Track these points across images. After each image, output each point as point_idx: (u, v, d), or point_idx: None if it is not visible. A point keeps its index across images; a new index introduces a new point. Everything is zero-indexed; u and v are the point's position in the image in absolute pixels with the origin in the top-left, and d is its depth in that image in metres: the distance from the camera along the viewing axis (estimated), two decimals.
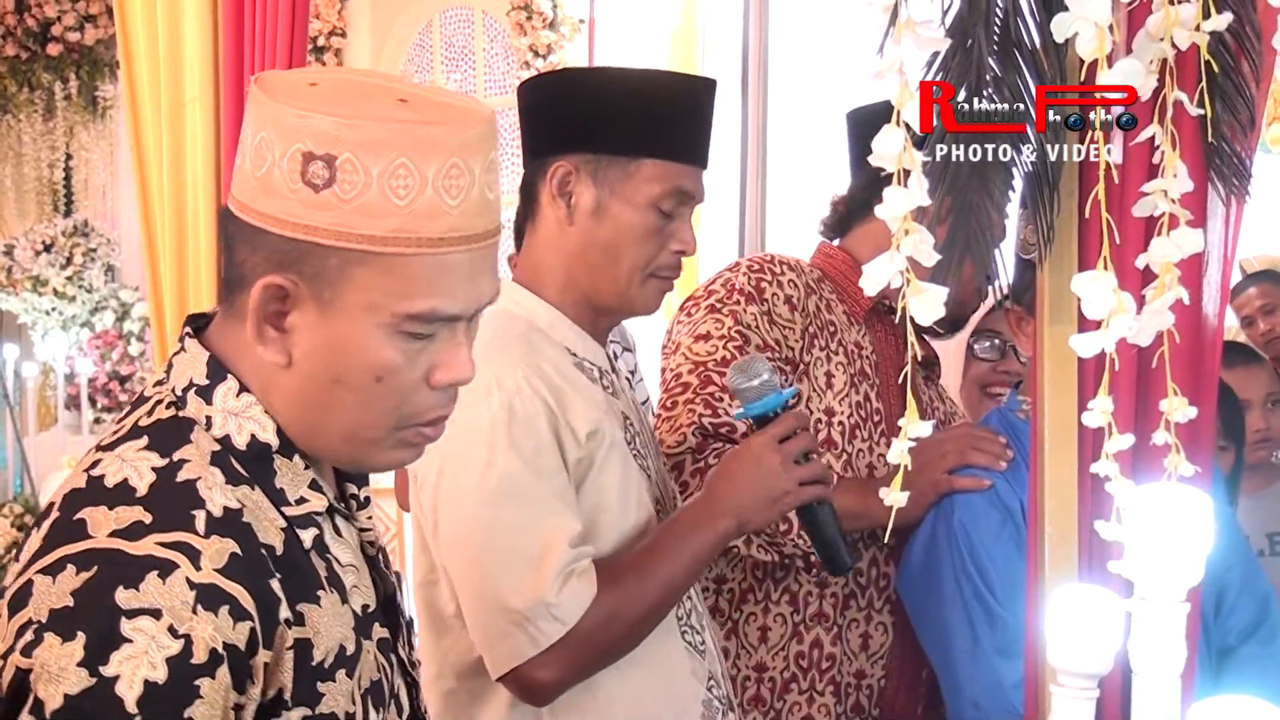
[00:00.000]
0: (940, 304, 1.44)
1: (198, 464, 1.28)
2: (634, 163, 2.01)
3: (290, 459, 1.34)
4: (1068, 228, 1.62)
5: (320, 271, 1.26)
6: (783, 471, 1.98)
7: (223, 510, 1.25)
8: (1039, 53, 1.52)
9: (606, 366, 2.11)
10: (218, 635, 1.18)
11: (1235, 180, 1.60)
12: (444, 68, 7.10)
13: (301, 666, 1.27)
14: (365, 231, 1.24)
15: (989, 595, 2.11)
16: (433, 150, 1.25)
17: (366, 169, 1.23)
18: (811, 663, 2.41)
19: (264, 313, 1.28)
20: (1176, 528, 1.31)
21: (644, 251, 2.02)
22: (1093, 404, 1.54)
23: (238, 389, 1.33)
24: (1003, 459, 2.21)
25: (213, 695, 1.18)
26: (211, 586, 1.20)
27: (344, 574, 1.36)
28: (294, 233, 1.25)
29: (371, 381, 1.29)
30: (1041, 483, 1.68)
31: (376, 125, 1.24)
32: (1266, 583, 2.34)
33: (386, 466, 1.42)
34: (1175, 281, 1.49)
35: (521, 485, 1.88)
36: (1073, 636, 1.46)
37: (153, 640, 1.16)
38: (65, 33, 8.10)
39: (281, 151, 1.25)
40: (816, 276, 2.51)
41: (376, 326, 1.28)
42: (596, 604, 1.87)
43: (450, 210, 1.26)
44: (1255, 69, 1.58)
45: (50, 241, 8.10)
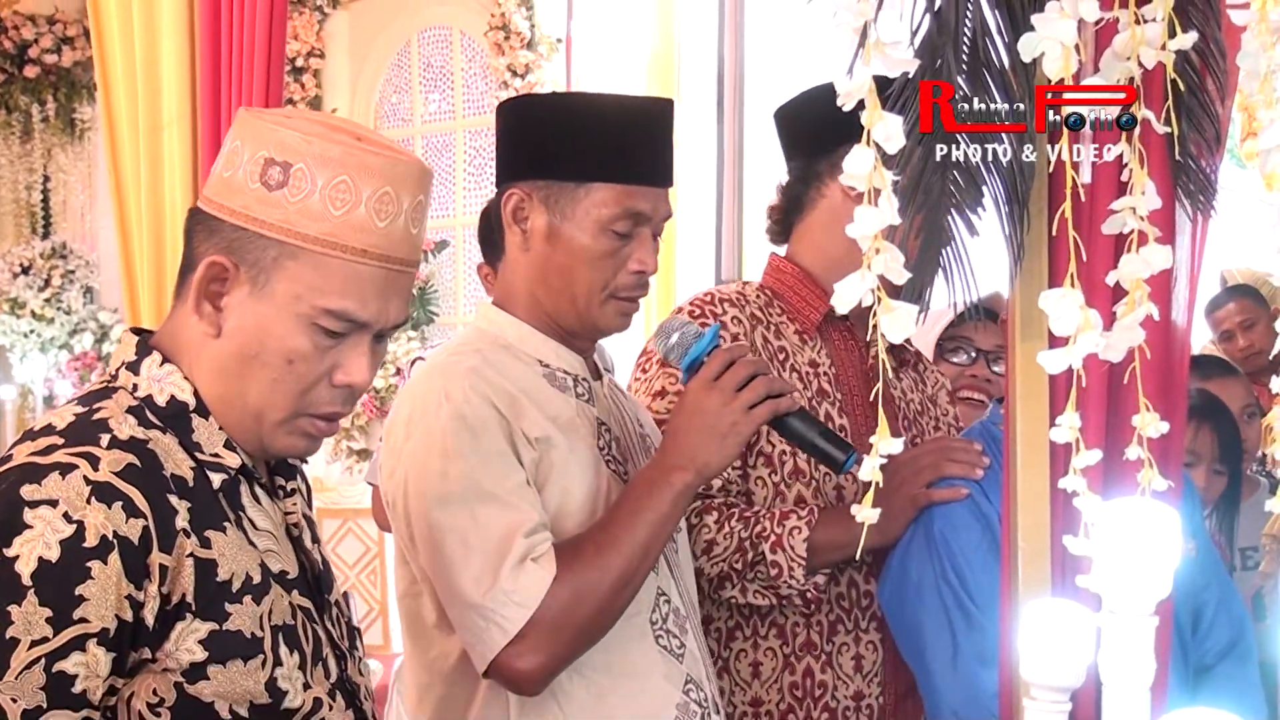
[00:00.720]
0: (912, 322, 1.45)
1: (113, 410, 1.47)
2: (583, 187, 2.03)
3: (206, 419, 1.53)
4: (1038, 245, 1.64)
5: (259, 259, 1.49)
6: (722, 406, 1.97)
7: (129, 437, 1.44)
8: (1008, 73, 1.53)
9: (586, 374, 2.14)
10: (109, 524, 1.35)
11: (1201, 197, 1.62)
12: (422, 87, 7.12)
13: (205, 582, 1.42)
14: (303, 230, 1.47)
15: (970, 603, 2.11)
16: (371, 175, 1.49)
17: (314, 179, 1.47)
18: (805, 692, 2.41)
19: (205, 288, 1.50)
20: (1144, 542, 1.32)
21: (599, 274, 2.05)
22: (1060, 420, 1.55)
23: (161, 360, 1.53)
24: (979, 466, 2.21)
25: (104, 578, 1.34)
26: (107, 484, 1.37)
27: (258, 537, 1.53)
28: (244, 223, 1.48)
29: (283, 363, 1.50)
30: (1014, 498, 1.69)
31: (331, 145, 1.48)
32: (1241, 603, 2.36)
33: (284, 451, 1.58)
34: (1145, 298, 1.51)
35: (476, 487, 1.91)
36: (1045, 650, 1.47)
37: (49, 525, 1.34)
38: (42, 55, 8.09)
39: (249, 155, 1.49)
40: (764, 301, 2.50)
41: (296, 315, 1.49)
42: (558, 583, 1.88)
43: (376, 229, 1.50)
44: (1220, 87, 1.59)
45: (28, 263, 8.08)
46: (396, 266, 1.53)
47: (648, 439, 2.25)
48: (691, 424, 1.99)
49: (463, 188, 6.94)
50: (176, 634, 1.41)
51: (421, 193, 1.55)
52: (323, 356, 1.51)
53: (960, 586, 2.13)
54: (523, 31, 6.45)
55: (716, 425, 1.97)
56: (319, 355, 1.51)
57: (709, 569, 2.30)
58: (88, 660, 1.34)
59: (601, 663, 1.97)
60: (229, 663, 1.43)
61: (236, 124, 1.54)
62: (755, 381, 2.00)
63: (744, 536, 2.28)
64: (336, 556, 5.95)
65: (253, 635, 1.46)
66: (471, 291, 6.90)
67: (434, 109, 7.13)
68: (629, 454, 2.15)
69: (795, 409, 2.04)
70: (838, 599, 2.43)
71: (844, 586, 2.44)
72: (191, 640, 1.41)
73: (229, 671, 1.43)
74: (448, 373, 2.00)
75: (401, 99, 7.23)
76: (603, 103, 2.14)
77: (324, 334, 1.50)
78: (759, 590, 2.31)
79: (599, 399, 2.14)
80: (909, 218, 1.50)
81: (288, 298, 1.48)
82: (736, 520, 2.30)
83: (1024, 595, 1.67)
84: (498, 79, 6.54)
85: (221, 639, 1.43)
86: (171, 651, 1.41)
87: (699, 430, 1.98)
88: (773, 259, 2.59)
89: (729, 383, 1.99)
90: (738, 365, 2.01)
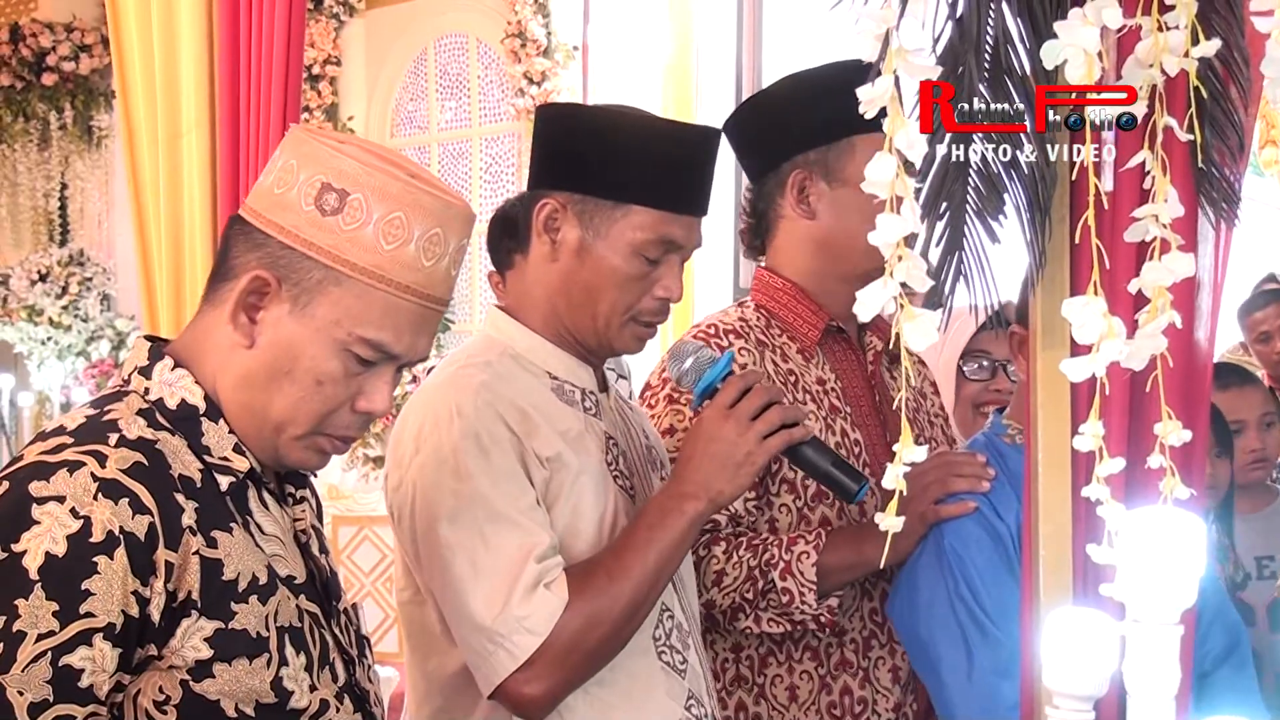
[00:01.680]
0: (934, 329, 1.44)
1: (123, 412, 1.50)
2: (621, 208, 2.02)
3: (216, 423, 1.55)
4: (1059, 253, 1.63)
5: (303, 280, 1.51)
6: (738, 436, 1.97)
7: (137, 436, 1.46)
8: (1029, 80, 1.53)
9: (594, 387, 2.12)
10: (115, 520, 1.38)
11: (1225, 205, 1.61)
12: (439, 95, 7.13)
13: (211, 580, 1.45)
14: (352, 259, 1.51)
15: (984, 617, 2.11)
16: (425, 215, 1.53)
17: (370, 211, 1.51)
18: (845, 709, 2.39)
19: (244, 300, 1.53)
20: (1168, 551, 1.32)
21: (625, 297, 2.04)
22: (1083, 428, 1.55)
23: (173, 365, 1.56)
24: (985, 479, 2.21)
25: (110, 573, 1.37)
26: (114, 481, 1.40)
27: (265, 541, 1.55)
28: (294, 243, 1.51)
29: (313, 383, 1.53)
30: (1036, 506, 1.69)
31: (390, 180, 1.52)
32: (1235, 611, 2.36)
33: (296, 464, 1.61)
34: (1168, 306, 1.50)
35: (488, 507, 1.91)
36: (1068, 659, 1.46)
37: (56, 520, 1.36)
38: (60, 62, 8.12)
39: (306, 177, 1.52)
40: (763, 324, 2.47)
41: (333, 340, 1.52)
42: (570, 610, 1.88)
43: (422, 268, 1.54)
44: (1244, 94, 1.59)
45: (46, 271, 8.11)
46: (433, 305, 1.57)
47: (654, 451, 2.24)
48: (706, 452, 1.98)
49: (479, 195, 6.95)
50: (182, 631, 1.42)
51: (465, 237, 1.60)
52: (350, 382, 1.55)
53: (974, 600, 2.13)
54: (539, 39, 6.46)
55: (731, 454, 1.97)
56: (347, 380, 1.54)
57: (721, 600, 2.29)
58: (94, 655, 1.36)
59: (605, 678, 1.97)
60: (234, 661, 1.45)
61: (291, 142, 1.57)
62: (770, 410, 1.99)
63: (753, 565, 2.27)
64: (352, 564, 5.95)
65: (258, 635, 1.48)
66: (487, 299, 6.90)
67: (450, 116, 7.14)
68: (635, 468, 2.14)
69: (808, 438, 2.03)
70: (870, 614, 2.42)
71: (876, 601, 2.43)
72: (197, 638, 1.43)
73: (234, 670, 1.45)
74: (459, 387, 1.98)
75: (418, 106, 7.24)
76: (653, 125, 2.11)
77: (355, 361, 1.54)
78: (773, 618, 2.29)
79: (606, 412, 2.13)
80: (930, 225, 1.50)
81: (327, 321, 1.52)
82: (745, 549, 2.28)
83: (1045, 604, 1.66)
84: (514, 86, 6.55)
85: (227, 637, 1.45)
86: (177, 649, 1.42)
87: (713, 459, 1.97)
88: (759, 273, 2.56)
89: (744, 411, 1.98)
90: (753, 393, 2.00)
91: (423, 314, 1.56)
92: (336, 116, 7.29)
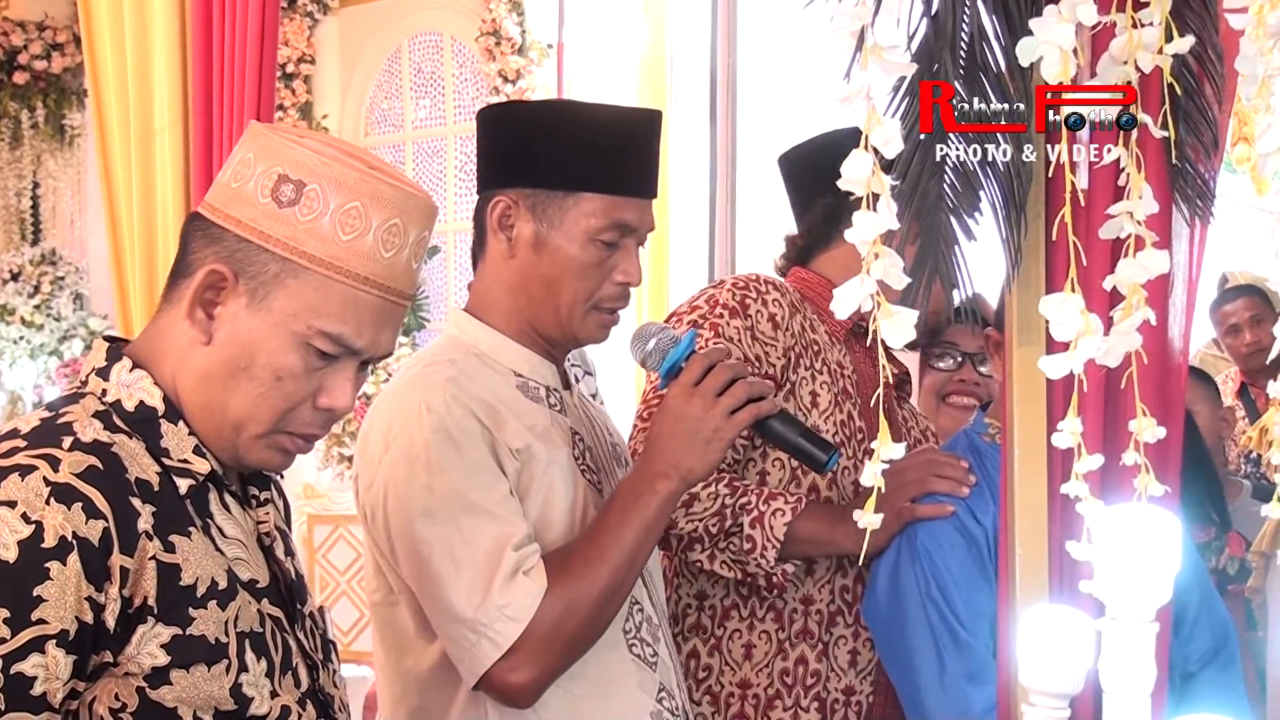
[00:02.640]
0: (911, 326, 1.44)
1: (78, 415, 1.45)
2: (571, 197, 2.02)
3: (175, 424, 1.51)
4: (1035, 250, 1.63)
5: (260, 274, 1.48)
6: (704, 412, 1.96)
7: (92, 440, 1.42)
8: (1004, 77, 1.53)
9: (557, 385, 2.12)
10: (68, 525, 1.34)
11: (1199, 201, 1.62)
12: (413, 93, 7.10)
13: (168, 585, 1.41)
14: (309, 250, 1.48)
15: (955, 621, 2.11)
16: (383, 205, 1.50)
17: (327, 201, 1.48)
18: (796, 679, 2.41)
19: (200, 296, 1.49)
20: (1145, 548, 1.32)
21: (585, 285, 2.03)
22: (1062, 425, 1.55)
23: (131, 366, 1.52)
24: (965, 484, 2.21)
25: (62, 579, 1.33)
26: (66, 485, 1.36)
27: (226, 545, 1.52)
28: (250, 235, 1.48)
29: (272, 379, 1.50)
30: (1012, 504, 1.69)
31: (347, 170, 1.49)
32: (1224, 609, 2.35)
33: (257, 464, 1.57)
34: (1143, 302, 1.50)
35: (461, 500, 1.90)
36: (1044, 656, 1.46)
37: (6, 526, 1.32)
38: (32, 61, 8.06)
39: (263, 170, 1.49)
40: (799, 297, 2.53)
41: (291, 333, 1.49)
42: (550, 596, 1.88)
43: (381, 259, 1.51)
44: (1218, 91, 1.59)
45: (18, 270, 8.06)
46: (394, 298, 1.54)
47: (619, 448, 2.24)
48: (674, 431, 1.97)
49: (454, 194, 6.93)
50: (138, 638, 1.39)
51: (426, 228, 1.57)
52: (310, 377, 1.51)
53: (945, 605, 2.13)
54: (514, 37, 6.44)
55: (699, 431, 1.96)
56: (307, 376, 1.51)
57: (684, 524, 2.30)
58: (47, 662, 1.33)
59: (576, 671, 1.96)
60: (192, 668, 1.42)
61: (248, 136, 1.55)
62: (735, 385, 1.99)
63: (728, 503, 2.28)
64: (327, 562, 5.93)
65: (217, 640, 1.44)
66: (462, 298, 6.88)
67: (424, 115, 7.11)
68: (601, 464, 2.14)
69: (776, 411, 2.03)
70: (841, 590, 2.43)
71: (850, 579, 2.44)
72: (153, 644, 1.40)
73: (192, 676, 1.42)
74: (426, 383, 1.98)
75: (392, 105, 7.21)
76: (595, 112, 2.12)
77: (316, 355, 1.50)
78: (726, 561, 2.31)
79: (570, 409, 2.13)
80: (906, 222, 1.50)
81: (285, 315, 1.48)
82: (725, 486, 2.30)
83: (1021, 601, 1.67)
84: (489, 85, 6.53)
85: (184, 644, 1.41)
86: (133, 655, 1.39)
87: (681, 437, 1.97)
88: (797, 270, 2.61)
89: (710, 387, 1.98)
90: (717, 370, 1.99)
91: (383, 307, 1.53)
92: (311, 115, 7.26)
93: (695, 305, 2.46)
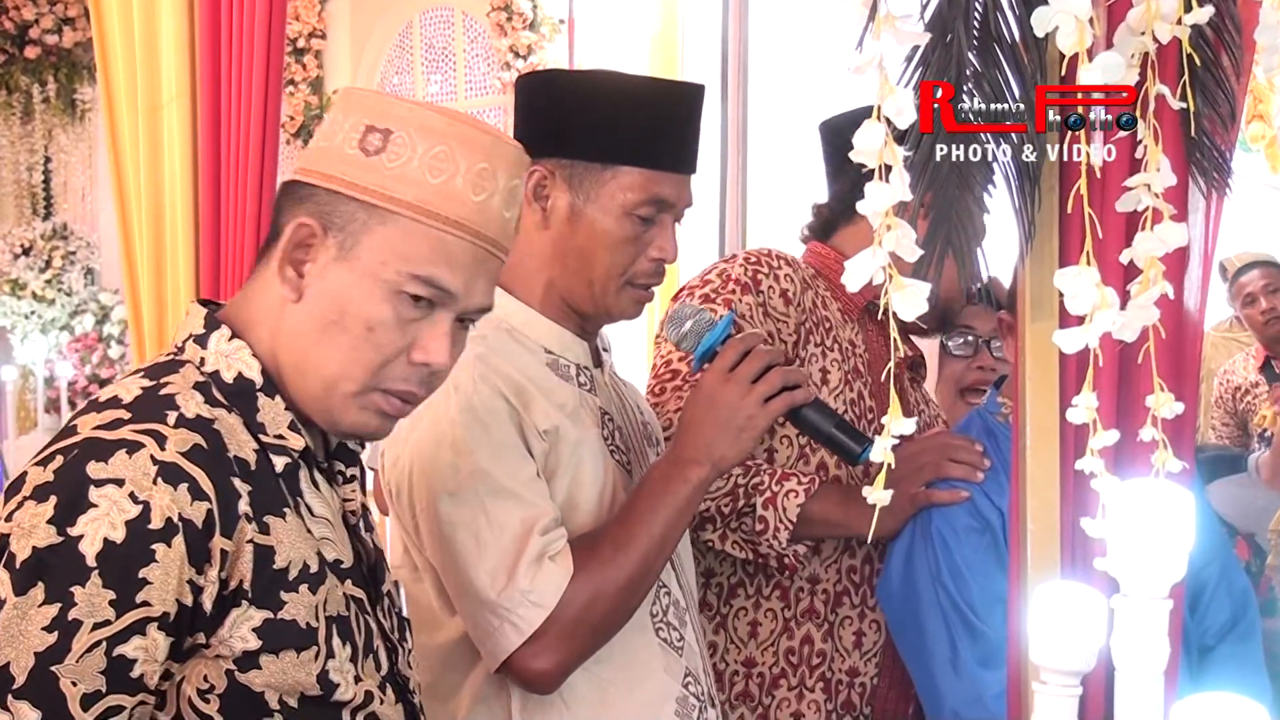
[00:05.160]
0: (924, 300, 1.43)
1: (180, 386, 1.43)
2: (610, 169, 1.99)
3: (273, 398, 1.49)
4: (1049, 224, 1.61)
5: (348, 224, 1.46)
6: (739, 399, 1.95)
7: (195, 415, 1.40)
8: (1019, 47, 1.51)
9: (588, 363, 2.10)
10: (174, 506, 1.32)
11: (1216, 174, 1.60)
12: (424, 69, 7.09)
13: (262, 569, 1.39)
14: (396, 195, 1.46)
15: (967, 608, 2.10)
16: (472, 149, 1.48)
17: (414, 146, 1.46)
18: (801, 659, 2.41)
19: (290, 253, 1.47)
20: (1159, 524, 1.30)
21: (619, 259, 2.01)
22: (1077, 400, 1.53)
23: (230, 335, 1.50)
24: (980, 469, 2.20)
25: (167, 561, 1.31)
26: (173, 465, 1.34)
27: (314, 524, 1.49)
28: (338, 186, 1.46)
29: (363, 330, 1.46)
30: (1023, 480, 1.67)
31: (434, 116, 1.49)
32: (1245, 579, 2.33)
33: (351, 428, 1.52)
34: (1160, 276, 1.49)
35: (487, 482, 1.89)
36: (1055, 634, 1.45)
37: (115, 504, 1.30)
38: (43, 36, 8.08)
39: (350, 124, 1.48)
40: (811, 273, 2.51)
41: (381, 281, 1.45)
42: (575, 583, 1.87)
43: (470, 202, 1.48)
44: (1235, 63, 1.57)
45: (29, 245, 8.08)
46: (486, 245, 1.50)
47: (649, 427, 2.22)
48: (707, 417, 1.96)
49: None
50: (231, 620, 1.37)
51: (517, 177, 1.54)
52: (404, 329, 1.47)
53: (957, 590, 2.12)
54: (525, 12, 6.43)
55: (733, 419, 1.95)
56: (400, 327, 1.47)
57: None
58: (147, 645, 1.31)
59: (602, 655, 1.95)
60: (282, 653, 1.39)
61: (339, 99, 1.55)
62: (771, 373, 1.97)
63: (740, 483, 2.27)
64: None
65: (307, 625, 1.42)
66: None
67: (436, 90, 7.11)
68: (631, 444, 2.13)
69: (810, 400, 2.01)
70: (848, 571, 2.42)
71: (858, 560, 2.43)
72: (245, 628, 1.38)
73: (281, 662, 1.39)
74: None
75: (403, 80, 7.20)
76: (635, 84, 2.10)
77: (408, 303, 1.47)
78: (738, 541, 2.30)
79: (600, 388, 2.11)
80: (919, 195, 1.48)
81: (374, 263, 1.46)
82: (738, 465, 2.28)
83: (1033, 578, 1.65)
84: (500, 60, 6.52)
85: (275, 628, 1.39)
86: (225, 638, 1.37)
87: (715, 424, 1.95)
88: (815, 246, 2.60)
89: (745, 374, 1.96)
90: (753, 356, 1.98)
91: (475, 253, 1.49)
92: (321, 90, 7.26)
93: (707, 279, 2.44)
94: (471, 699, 1.99)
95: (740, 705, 2.41)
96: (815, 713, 2.41)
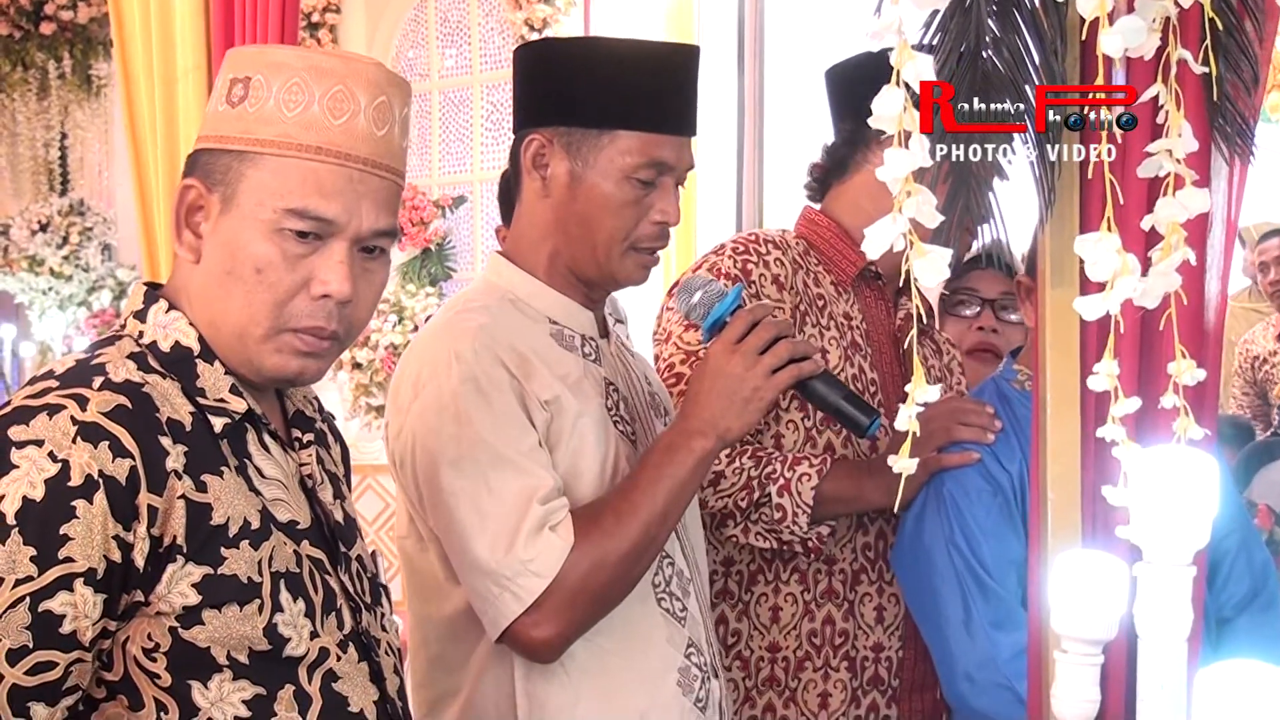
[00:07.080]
0: (945, 266, 1.42)
1: (113, 356, 1.48)
2: (607, 134, 1.99)
3: (211, 364, 1.53)
4: (1069, 190, 1.60)
5: (225, 176, 1.51)
6: (745, 371, 1.95)
7: (123, 380, 1.43)
8: (1038, 12, 1.49)
9: (594, 333, 2.10)
10: (94, 463, 1.35)
11: (1239, 140, 1.58)
12: (439, 43, 7.07)
13: (198, 525, 1.42)
14: (258, 135, 1.50)
15: (980, 569, 2.10)
16: (323, 75, 1.50)
17: (270, 86, 1.50)
18: (825, 640, 2.41)
19: (181, 216, 1.53)
20: (1183, 491, 1.30)
21: (621, 223, 2.01)
22: (1098, 367, 1.52)
23: (167, 307, 1.55)
24: (990, 430, 2.20)
25: (89, 517, 1.34)
26: (93, 424, 1.37)
27: (265, 485, 1.53)
28: (213, 144, 1.53)
29: (253, 273, 1.49)
30: (1044, 448, 1.67)
31: (285, 52, 1.55)
32: (1265, 552, 2.32)
33: (274, 371, 1.54)
34: (1182, 242, 1.47)
35: (489, 451, 1.89)
36: (1077, 602, 1.44)
37: (34, 464, 1.34)
38: (59, 11, 8.06)
39: (222, 82, 1.54)
40: (803, 249, 2.50)
41: (260, 222, 1.49)
42: (576, 552, 1.87)
43: (331, 126, 1.50)
44: (1259, 27, 1.55)
45: (46, 221, 8.09)
46: (358, 166, 1.52)
47: (656, 398, 2.22)
48: (714, 388, 1.95)
49: (480, 143, 6.91)
50: (168, 576, 1.40)
51: (382, 94, 1.54)
52: (294, 265, 1.50)
53: (970, 552, 2.12)
54: None
55: (739, 390, 1.95)
56: (289, 264, 1.50)
57: (713, 502, 2.29)
58: (75, 600, 1.34)
59: (604, 624, 1.95)
60: (224, 607, 1.42)
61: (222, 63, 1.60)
62: (779, 345, 1.97)
63: (753, 475, 2.27)
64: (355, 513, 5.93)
65: (249, 580, 1.44)
66: (490, 248, 6.86)
67: (451, 64, 7.08)
68: (637, 414, 2.13)
69: (819, 372, 2.01)
70: (863, 548, 2.42)
71: (871, 537, 2.43)
72: (184, 584, 1.40)
73: (224, 616, 1.42)
74: (456, 331, 1.96)
75: (419, 54, 7.18)
76: (629, 48, 2.08)
77: (292, 239, 1.49)
78: (760, 532, 2.30)
79: (606, 358, 2.11)
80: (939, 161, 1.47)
81: (251, 206, 1.49)
82: (748, 458, 2.29)
83: (1053, 546, 1.64)
84: (515, 33, 6.50)
85: (215, 583, 1.42)
86: (164, 594, 1.40)
87: (721, 395, 1.95)
88: (808, 211, 2.58)
89: (752, 346, 1.96)
90: (761, 327, 1.97)
91: (348, 176, 1.51)
92: None
93: (697, 273, 2.41)
94: (478, 670, 2.00)
95: (768, 690, 2.42)
96: (842, 691, 2.41)
